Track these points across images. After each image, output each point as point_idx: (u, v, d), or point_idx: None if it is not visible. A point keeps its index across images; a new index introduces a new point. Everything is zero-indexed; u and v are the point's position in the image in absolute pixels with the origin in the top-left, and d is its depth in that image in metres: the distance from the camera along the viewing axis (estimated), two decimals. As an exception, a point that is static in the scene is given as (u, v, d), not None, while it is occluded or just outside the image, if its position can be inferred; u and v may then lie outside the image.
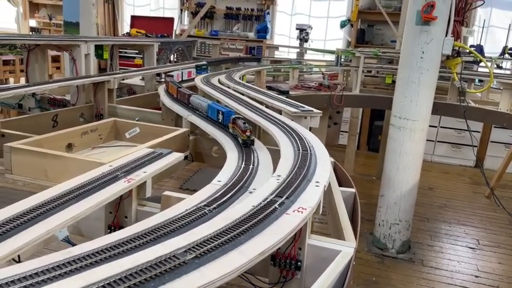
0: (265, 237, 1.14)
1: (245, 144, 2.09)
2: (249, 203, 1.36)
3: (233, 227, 1.18)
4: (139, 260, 0.96)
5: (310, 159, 1.77)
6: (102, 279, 0.89)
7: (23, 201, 1.42)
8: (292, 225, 1.22)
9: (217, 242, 1.07)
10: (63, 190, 1.48)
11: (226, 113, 2.40)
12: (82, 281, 0.89)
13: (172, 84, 3.41)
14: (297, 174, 1.61)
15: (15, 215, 1.32)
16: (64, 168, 1.81)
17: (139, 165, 1.78)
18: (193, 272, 0.94)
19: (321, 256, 1.52)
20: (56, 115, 3.25)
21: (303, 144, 2.00)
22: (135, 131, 2.50)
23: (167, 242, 1.07)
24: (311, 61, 7.27)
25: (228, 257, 1.02)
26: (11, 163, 1.86)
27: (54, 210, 1.39)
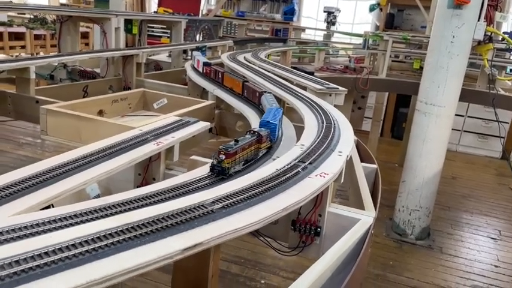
0: (289, 195, 1.19)
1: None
2: (273, 166, 1.41)
3: (257, 185, 1.23)
4: (169, 207, 1.03)
5: (333, 131, 1.80)
6: (136, 221, 0.95)
7: (58, 157, 1.49)
8: (314, 187, 1.26)
9: (243, 196, 1.13)
10: (96, 148, 1.56)
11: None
12: (116, 222, 0.95)
13: (231, 76, 2.93)
14: (321, 144, 1.65)
15: (50, 168, 1.38)
16: (96, 131, 1.90)
17: (167, 130, 1.85)
18: (221, 220, 1.00)
19: (341, 224, 1.56)
20: (86, 86, 3.36)
21: (327, 117, 2.02)
22: (163, 101, 2.57)
23: (194, 195, 1.13)
24: (337, 44, 7.20)
25: (253, 210, 1.07)
26: (46, 124, 1.95)
27: (87, 165, 1.46)
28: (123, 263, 0.81)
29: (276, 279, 4.32)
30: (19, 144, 6.95)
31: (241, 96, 2.58)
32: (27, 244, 0.83)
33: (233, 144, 1.45)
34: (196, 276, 1.77)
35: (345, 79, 5.30)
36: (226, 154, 1.39)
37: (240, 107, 2.34)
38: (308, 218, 1.55)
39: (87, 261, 0.81)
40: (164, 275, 3.81)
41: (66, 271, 0.78)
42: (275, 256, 4.54)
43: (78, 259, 0.81)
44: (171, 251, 0.88)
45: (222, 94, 2.66)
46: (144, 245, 0.88)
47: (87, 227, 0.92)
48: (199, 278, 1.78)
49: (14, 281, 0.73)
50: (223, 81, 2.87)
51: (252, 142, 1.57)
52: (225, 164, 1.39)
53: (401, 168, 5.45)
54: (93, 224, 0.95)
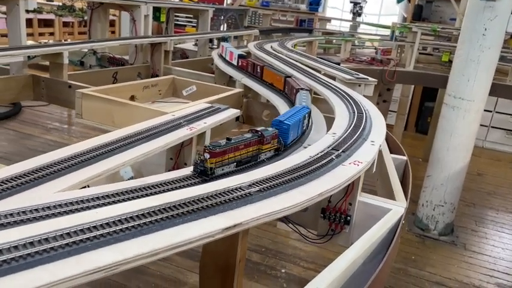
0: (323, 182, 1.20)
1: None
2: (305, 153, 1.41)
3: (291, 171, 1.24)
4: (208, 188, 1.05)
5: (365, 121, 1.79)
6: (176, 201, 0.98)
7: (94, 139, 1.53)
8: (348, 174, 1.27)
9: (278, 181, 1.14)
10: (131, 132, 1.59)
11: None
12: (158, 201, 0.98)
13: (273, 71, 2.73)
14: (353, 133, 1.64)
15: (87, 150, 1.42)
16: (129, 115, 1.94)
17: (199, 116, 1.87)
18: (258, 202, 1.02)
19: (371, 213, 1.56)
20: (116, 72, 3.42)
21: (358, 107, 2.01)
22: (192, 89, 2.59)
23: (232, 178, 1.15)
24: (364, 35, 7.10)
25: (289, 194, 1.08)
26: (81, 108, 2.00)
27: (122, 148, 1.49)
28: (168, 239, 0.84)
29: (297, 269, 4.34)
30: (47, 129, 7.12)
31: (282, 92, 2.41)
32: (76, 218, 0.87)
33: (222, 143, 1.30)
34: (224, 261, 1.80)
35: (372, 71, 5.23)
36: (211, 153, 1.24)
37: (269, 96, 2.34)
38: (338, 207, 1.56)
39: (133, 236, 0.84)
40: (187, 260, 3.88)
41: (114, 245, 0.81)
42: (296, 246, 4.56)
43: (125, 234, 0.84)
44: (212, 230, 0.90)
45: (250, 83, 2.67)
46: (187, 223, 0.91)
47: (131, 204, 0.95)
48: (227, 262, 1.81)
49: (66, 252, 0.77)
50: (262, 76, 2.71)
51: (249, 142, 1.39)
52: (207, 164, 1.24)
53: (425, 163, 5.38)
54: (137, 201, 0.98)
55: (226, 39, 3.42)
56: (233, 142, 1.32)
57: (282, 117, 1.61)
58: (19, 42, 3.01)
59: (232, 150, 1.31)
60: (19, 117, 7.13)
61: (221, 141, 1.30)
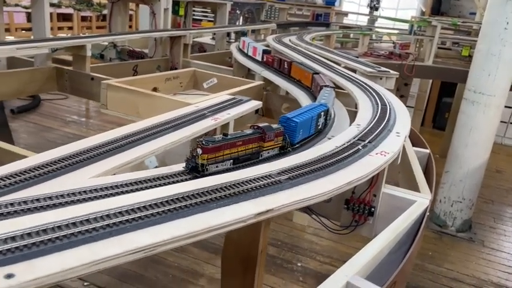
0: (351, 171, 1.21)
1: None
2: (331, 144, 1.42)
3: (319, 160, 1.25)
4: (240, 175, 1.07)
5: (389, 113, 1.79)
6: (208, 186, 1.00)
7: (121, 128, 1.56)
8: (375, 164, 1.27)
9: (307, 169, 1.15)
10: (157, 122, 1.62)
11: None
12: (192, 186, 1.00)
13: (301, 67, 2.61)
14: (377, 124, 1.64)
15: (115, 139, 1.44)
16: (154, 106, 1.97)
17: (223, 107, 1.89)
18: (288, 190, 1.03)
19: (395, 205, 1.56)
20: (136, 65, 3.46)
21: (381, 99, 2.00)
22: (213, 81, 2.61)
23: (260, 166, 1.16)
24: (381, 29, 7.03)
25: (317, 182, 1.09)
26: (106, 99, 2.04)
27: (149, 137, 1.51)
28: (203, 222, 0.86)
29: (313, 263, 4.35)
30: (65, 122, 7.23)
31: (309, 89, 2.31)
32: (114, 201, 0.89)
33: (217, 138, 1.21)
34: (246, 251, 1.82)
35: (390, 65, 5.17)
36: (203, 148, 1.16)
37: (291, 89, 2.34)
38: (362, 198, 1.56)
39: (170, 219, 0.86)
40: (204, 252, 3.92)
41: (152, 227, 0.84)
42: (311, 240, 4.57)
43: (161, 217, 0.86)
44: (245, 215, 0.92)
45: (270, 76, 2.67)
46: (220, 208, 0.93)
47: (165, 189, 0.97)
48: (249, 252, 1.83)
49: (107, 232, 0.79)
50: (290, 72, 2.60)
51: (248, 139, 1.30)
52: (199, 160, 1.15)
53: (442, 159, 5.32)
54: (171, 187, 1.00)
55: (245, 33, 3.40)
56: (230, 138, 1.24)
57: (292, 114, 1.53)
58: (43, 35, 3.07)
59: (228, 146, 1.22)
60: (38, 110, 7.26)
61: (216, 136, 1.22)
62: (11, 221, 0.79)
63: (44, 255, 0.71)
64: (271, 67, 2.83)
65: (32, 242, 0.73)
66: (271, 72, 2.83)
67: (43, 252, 0.72)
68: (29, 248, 0.72)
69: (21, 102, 6.79)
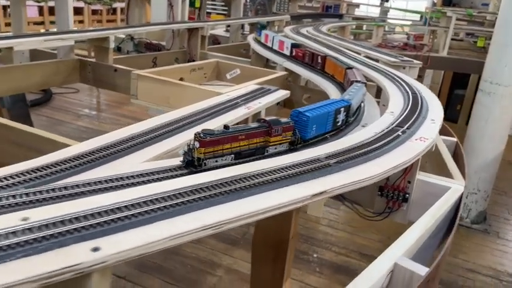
0: (395, 156, 1.23)
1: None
2: (369, 130, 1.44)
3: (361, 146, 1.27)
4: (286, 160, 1.09)
5: (421, 100, 1.80)
6: (260, 169, 1.02)
7: (161, 116, 1.58)
8: (417, 150, 1.29)
9: (352, 154, 1.17)
10: (193, 110, 1.64)
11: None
12: (239, 170, 1.03)
13: (335, 61, 2.48)
14: (411, 112, 1.66)
15: (153, 128, 1.45)
16: (185, 95, 1.99)
17: (253, 96, 1.91)
18: (338, 173, 1.05)
19: (429, 191, 1.57)
20: (155, 57, 3.49)
21: (410, 87, 2.01)
22: (236, 72, 2.63)
23: (307, 150, 1.18)
24: (395, 20, 6.99)
25: (365, 166, 1.12)
26: (137, 89, 2.06)
27: (187, 126, 1.53)
28: (264, 203, 0.88)
29: (329, 254, 4.37)
30: (78, 115, 7.27)
31: (342, 84, 2.21)
32: (178, 183, 0.92)
33: (217, 131, 1.13)
34: (277, 236, 1.85)
35: (405, 56, 5.17)
36: (201, 141, 1.08)
37: (314, 78, 2.34)
38: (397, 185, 1.58)
39: (231, 199, 0.89)
40: (220, 243, 3.96)
41: (216, 206, 0.86)
42: (326, 232, 4.59)
43: (224, 197, 0.89)
44: (301, 196, 0.94)
45: (294, 67, 2.68)
46: (279, 189, 0.95)
47: (211, 174, 1.00)
48: (280, 238, 1.86)
49: (177, 210, 0.82)
50: (324, 67, 2.49)
51: (252, 133, 1.21)
52: (196, 154, 1.08)
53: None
54: (215, 172, 1.02)
55: (265, 26, 3.37)
56: (231, 131, 1.15)
57: (306, 108, 1.43)
58: (67, 28, 3.10)
59: (228, 140, 1.14)
60: (50, 104, 7.31)
61: (216, 129, 1.15)
62: (88, 199, 0.82)
63: (127, 229, 0.75)
64: (301, 61, 2.75)
65: (116, 217, 0.76)
66: (293, 62, 2.83)
67: (126, 227, 0.75)
68: (115, 223, 0.75)
69: (33, 96, 6.84)
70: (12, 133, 1.66)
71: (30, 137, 1.62)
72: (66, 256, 0.68)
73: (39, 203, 0.84)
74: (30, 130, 1.66)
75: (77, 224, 0.75)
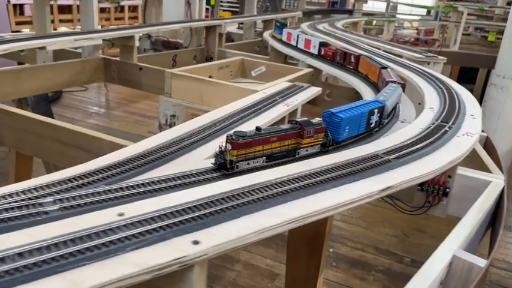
0: (447, 151, 1.26)
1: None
2: (415, 126, 1.47)
3: (412, 143, 1.30)
4: (344, 156, 1.13)
5: (457, 96, 1.83)
6: (321, 166, 1.06)
7: (206, 115, 1.60)
8: (467, 145, 1.33)
9: (408, 150, 1.21)
10: (237, 108, 1.66)
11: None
12: (304, 166, 1.06)
13: (369, 61, 2.39)
14: (451, 108, 1.68)
15: (204, 126, 1.46)
16: (219, 93, 2.02)
17: (289, 93, 1.94)
18: (399, 168, 1.09)
19: (469, 185, 1.60)
20: (175, 55, 3.52)
21: (443, 84, 2.04)
22: (261, 69, 2.66)
23: (363, 146, 1.22)
24: (404, 15, 7.01)
25: (423, 161, 1.15)
26: (171, 88, 2.09)
27: (235, 123, 1.54)
28: (336, 199, 0.92)
29: (344, 249, 4.41)
30: (88, 113, 7.30)
31: (376, 85, 2.14)
32: (252, 178, 0.96)
33: (249, 133, 1.10)
34: (314, 231, 1.89)
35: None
36: (233, 144, 1.06)
37: (348, 79, 2.34)
38: (437, 179, 1.61)
39: (303, 195, 0.93)
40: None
41: (291, 202, 0.90)
42: (340, 227, 4.63)
43: (294, 193, 0.94)
44: (370, 191, 0.98)
45: (317, 63, 2.71)
46: (349, 184, 0.99)
47: (281, 169, 1.04)
48: (317, 232, 1.89)
49: (262, 204, 0.86)
50: (357, 67, 2.43)
51: (284, 135, 1.18)
52: (228, 156, 1.06)
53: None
54: (284, 167, 1.06)
55: (285, 24, 3.36)
56: (263, 133, 1.12)
57: (338, 108, 1.38)
58: (91, 27, 3.13)
59: (260, 142, 1.12)
60: (60, 102, 7.35)
61: (248, 130, 1.11)
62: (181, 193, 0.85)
63: (220, 223, 0.78)
64: (331, 61, 2.71)
65: (208, 212, 0.80)
66: (320, 61, 2.80)
67: (219, 221, 0.79)
68: (206, 217, 0.79)
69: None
70: (58, 132, 1.70)
71: (77, 136, 1.65)
72: (172, 249, 0.72)
73: (129, 198, 0.88)
74: (76, 129, 1.69)
75: (176, 218, 0.79)
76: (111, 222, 0.78)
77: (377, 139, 1.41)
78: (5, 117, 1.84)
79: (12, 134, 1.82)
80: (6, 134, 1.84)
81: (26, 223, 0.80)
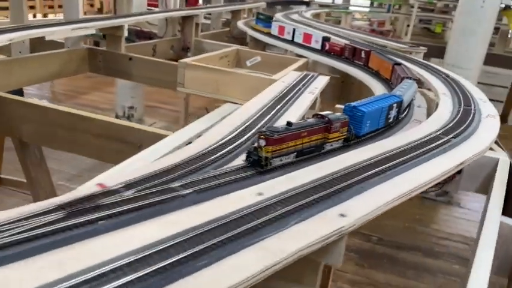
0: (486, 132, 1.43)
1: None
2: (444, 110, 1.62)
3: (455, 124, 1.44)
4: (407, 139, 1.25)
5: (457, 82, 2.02)
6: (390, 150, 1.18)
7: (240, 111, 1.62)
8: (496, 126, 1.50)
9: (446, 138, 1.34)
10: (269, 98, 1.70)
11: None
12: (372, 151, 1.18)
13: (380, 57, 2.38)
14: (463, 94, 1.87)
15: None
16: (235, 82, 2.05)
17: (307, 82, 2.01)
18: (459, 146, 1.23)
19: (479, 162, 1.78)
20: (155, 45, 3.46)
21: (439, 71, 2.23)
22: (256, 59, 2.70)
23: (412, 130, 1.34)
24: (355, 7, 7.33)
25: (473, 140, 1.30)
26: (184, 78, 2.08)
27: (278, 114, 1.58)
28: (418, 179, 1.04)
29: (352, 242, 4.56)
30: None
31: (389, 81, 2.12)
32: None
33: (282, 127, 1.08)
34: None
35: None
36: (267, 139, 1.03)
37: (358, 75, 2.37)
38: (453, 157, 1.78)
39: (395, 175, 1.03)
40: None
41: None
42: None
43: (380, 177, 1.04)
44: (449, 167, 1.10)
45: (319, 57, 2.75)
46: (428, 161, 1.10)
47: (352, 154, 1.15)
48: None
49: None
50: (367, 62, 2.43)
51: (314, 129, 1.17)
52: (263, 153, 1.03)
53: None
54: (353, 152, 1.18)
55: (270, 16, 3.33)
56: (294, 128, 1.10)
57: (359, 102, 1.39)
58: (76, 16, 2.98)
59: (292, 137, 1.09)
60: None
61: (279, 125, 1.10)
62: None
63: (359, 194, 0.87)
64: (338, 56, 2.70)
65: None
66: (320, 54, 2.83)
67: (359, 191, 0.87)
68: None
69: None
70: (95, 125, 1.65)
71: (113, 128, 1.62)
72: (329, 221, 0.79)
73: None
74: (113, 121, 1.66)
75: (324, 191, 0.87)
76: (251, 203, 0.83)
77: (395, 133, 1.49)
78: (27, 110, 1.74)
79: (37, 128, 1.73)
80: (27, 129, 1.74)
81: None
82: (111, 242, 0.68)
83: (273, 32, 3.34)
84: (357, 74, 2.35)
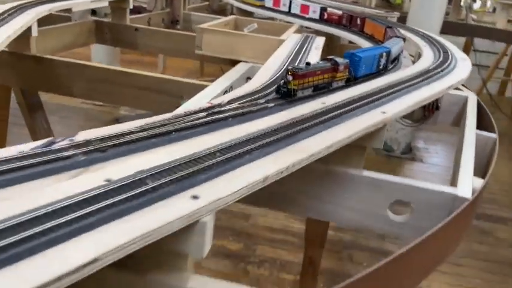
0: (461, 71, 1.85)
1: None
2: (427, 56, 2.03)
3: (437, 66, 1.86)
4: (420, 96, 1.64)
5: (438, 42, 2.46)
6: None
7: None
8: (469, 67, 1.92)
9: (416, 81, 1.75)
10: (285, 55, 2.03)
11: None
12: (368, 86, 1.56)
13: (374, 22, 2.67)
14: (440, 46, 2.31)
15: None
16: (248, 44, 2.35)
17: (309, 41, 2.36)
18: (426, 87, 1.63)
19: (452, 101, 2.19)
20: (150, 18, 3.69)
21: (418, 31, 2.67)
22: (253, 26, 2.99)
23: (399, 72, 1.74)
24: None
25: (448, 77, 1.72)
26: (202, 42, 2.37)
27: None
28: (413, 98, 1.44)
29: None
30: None
31: (381, 42, 2.37)
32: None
33: (303, 66, 1.38)
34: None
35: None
36: (294, 75, 1.33)
37: (355, 40, 2.66)
38: (432, 96, 2.20)
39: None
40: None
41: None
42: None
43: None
44: (433, 92, 1.51)
45: (318, 26, 3.04)
46: (414, 91, 1.50)
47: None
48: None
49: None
50: (363, 28, 2.71)
51: (326, 69, 1.47)
52: (291, 86, 1.33)
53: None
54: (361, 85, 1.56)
55: None
56: (312, 67, 1.40)
57: (356, 50, 1.68)
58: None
59: (311, 74, 1.38)
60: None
61: (301, 65, 1.43)
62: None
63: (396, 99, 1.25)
64: (336, 24, 2.97)
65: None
66: (319, 23, 3.10)
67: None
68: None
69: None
70: (137, 79, 1.92)
71: (155, 81, 1.91)
72: (372, 116, 1.17)
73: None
74: (152, 75, 1.94)
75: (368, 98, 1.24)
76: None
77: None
78: (74, 70, 1.98)
79: (84, 85, 1.98)
80: (77, 86, 1.99)
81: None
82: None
83: (267, 4, 3.55)
84: (353, 38, 2.70)
